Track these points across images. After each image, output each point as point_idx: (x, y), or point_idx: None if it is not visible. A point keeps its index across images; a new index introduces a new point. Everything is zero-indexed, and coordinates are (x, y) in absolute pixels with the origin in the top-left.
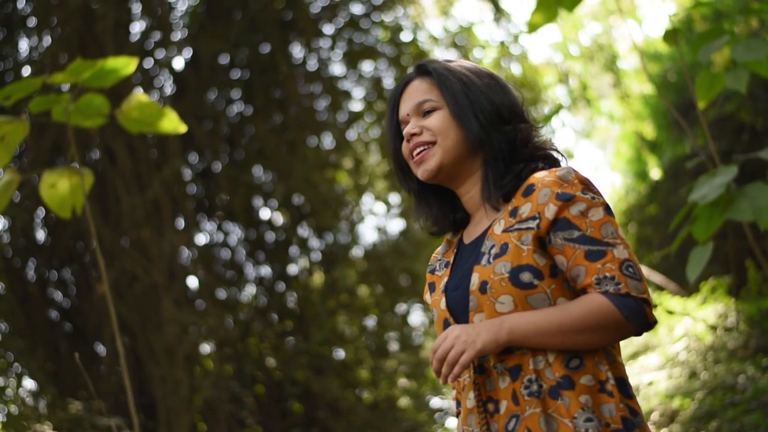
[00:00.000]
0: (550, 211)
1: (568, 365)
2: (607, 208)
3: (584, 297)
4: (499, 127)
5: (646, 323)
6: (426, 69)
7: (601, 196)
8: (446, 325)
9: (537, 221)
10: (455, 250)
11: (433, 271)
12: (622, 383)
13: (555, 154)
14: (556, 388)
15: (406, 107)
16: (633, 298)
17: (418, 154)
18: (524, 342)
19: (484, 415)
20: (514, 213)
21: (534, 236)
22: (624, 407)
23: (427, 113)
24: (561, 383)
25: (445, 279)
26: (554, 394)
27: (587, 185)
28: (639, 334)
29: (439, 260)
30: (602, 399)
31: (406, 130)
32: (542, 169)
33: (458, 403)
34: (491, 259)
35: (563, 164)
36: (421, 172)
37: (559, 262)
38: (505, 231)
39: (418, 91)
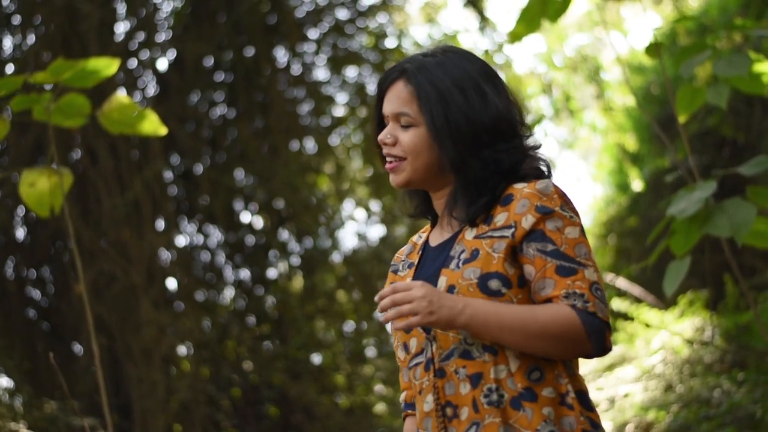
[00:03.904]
0: (527, 222)
1: (530, 377)
2: (582, 230)
3: (552, 305)
4: (477, 151)
5: (603, 347)
6: (409, 75)
7: (578, 215)
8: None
9: (512, 230)
10: (420, 252)
11: (396, 272)
12: (583, 396)
13: (543, 167)
14: (518, 399)
15: (386, 108)
16: (598, 319)
17: (388, 162)
18: (482, 331)
19: (441, 420)
20: (488, 221)
21: (508, 245)
22: (585, 420)
23: (404, 126)
24: (523, 394)
25: (408, 280)
26: (516, 405)
27: (566, 202)
28: (594, 355)
29: (403, 261)
30: (563, 412)
31: (380, 137)
32: (521, 180)
33: (406, 406)
34: (460, 264)
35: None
36: (391, 180)
37: (527, 272)
38: (477, 237)
39: (399, 99)
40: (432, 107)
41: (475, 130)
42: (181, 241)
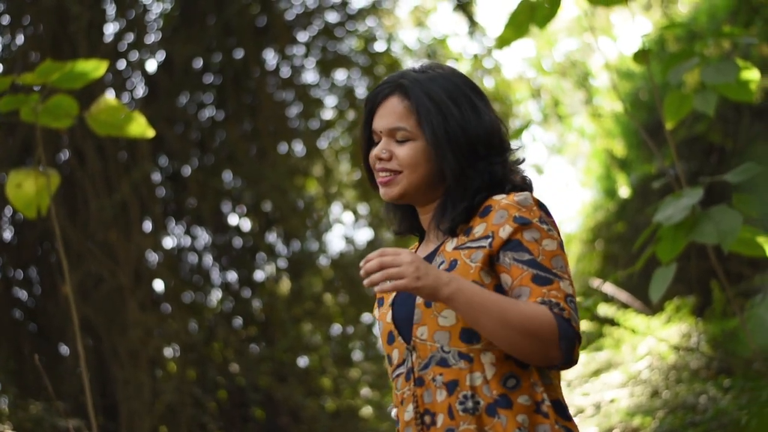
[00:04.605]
0: (504, 232)
1: (505, 384)
2: (561, 244)
3: (533, 303)
4: (474, 163)
5: (571, 356)
6: (406, 90)
7: (556, 228)
8: (390, 337)
9: (489, 240)
10: None
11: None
12: (559, 405)
13: (524, 181)
14: (493, 406)
15: (379, 123)
16: (572, 327)
17: (382, 176)
18: (463, 308)
19: (420, 428)
20: (468, 232)
21: (485, 254)
22: (560, 428)
23: (399, 141)
24: (498, 401)
25: (394, 293)
26: (491, 412)
27: (545, 214)
28: (559, 364)
29: None
30: (538, 420)
31: (375, 152)
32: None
33: (398, 421)
34: None
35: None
36: (382, 194)
37: (504, 281)
38: (456, 248)
39: (395, 114)
40: (433, 119)
41: (472, 142)
42: (168, 242)
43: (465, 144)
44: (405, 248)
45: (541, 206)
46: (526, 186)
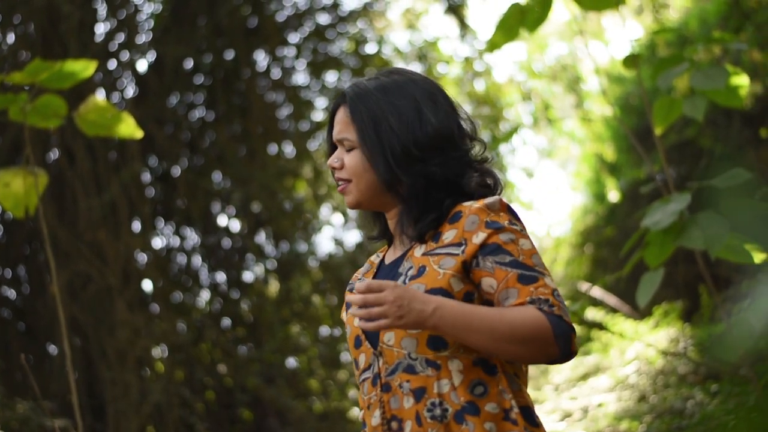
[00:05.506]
0: (478, 238)
1: (473, 391)
2: (532, 242)
3: (521, 308)
4: (408, 168)
5: (569, 351)
6: (346, 100)
7: (525, 229)
8: (357, 341)
9: (462, 247)
10: (375, 271)
11: (352, 290)
12: (527, 411)
13: (489, 181)
14: (461, 413)
15: (333, 133)
16: (565, 322)
17: (339, 185)
18: (449, 333)
19: None
20: (436, 238)
21: (458, 261)
22: None
23: (348, 150)
24: (466, 408)
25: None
26: (459, 419)
27: (514, 217)
28: (559, 359)
29: (359, 280)
30: (506, 427)
31: (329, 162)
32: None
33: (364, 424)
34: (407, 280)
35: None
36: (344, 201)
37: (487, 284)
38: (424, 254)
39: (341, 123)
40: (365, 128)
41: (407, 148)
42: (157, 243)
43: (399, 151)
44: (390, 282)
45: (509, 209)
46: (487, 188)
